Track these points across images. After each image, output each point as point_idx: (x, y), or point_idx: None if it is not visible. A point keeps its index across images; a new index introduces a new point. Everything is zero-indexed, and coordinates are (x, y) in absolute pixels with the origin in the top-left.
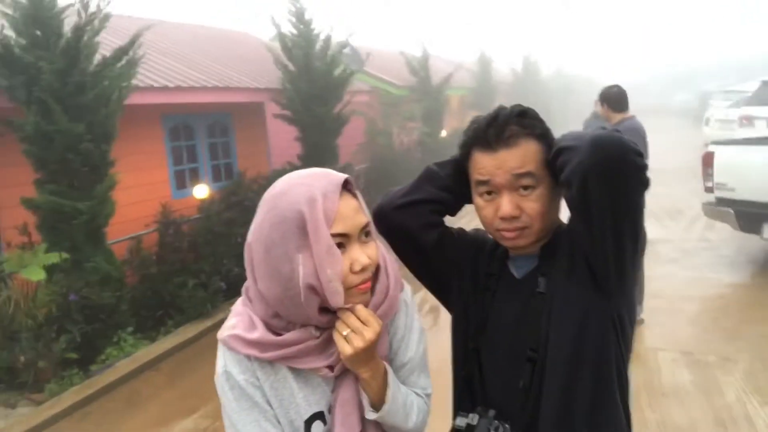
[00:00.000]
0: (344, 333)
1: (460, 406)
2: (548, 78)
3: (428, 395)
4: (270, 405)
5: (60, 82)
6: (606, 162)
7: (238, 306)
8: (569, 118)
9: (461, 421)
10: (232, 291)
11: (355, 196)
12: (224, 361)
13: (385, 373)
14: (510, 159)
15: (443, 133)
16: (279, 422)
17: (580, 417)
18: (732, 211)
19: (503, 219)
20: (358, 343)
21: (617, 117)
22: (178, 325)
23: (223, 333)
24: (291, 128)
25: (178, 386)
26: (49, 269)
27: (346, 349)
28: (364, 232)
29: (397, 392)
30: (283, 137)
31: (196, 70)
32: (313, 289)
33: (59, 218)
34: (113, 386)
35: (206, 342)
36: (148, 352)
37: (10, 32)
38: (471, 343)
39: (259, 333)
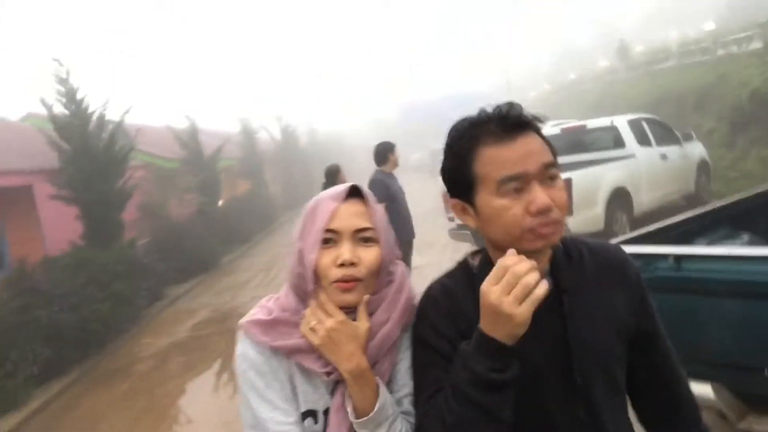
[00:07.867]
0: (311, 324)
1: None
2: (306, 144)
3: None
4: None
5: None
6: None
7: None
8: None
9: None
10: (48, 373)
11: (365, 204)
12: (242, 344)
13: (377, 385)
14: (533, 143)
15: (220, 203)
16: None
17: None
18: (468, 232)
19: (540, 212)
20: (320, 332)
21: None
22: None
23: (243, 320)
24: (70, 208)
25: None
26: None
27: (313, 338)
28: (361, 236)
29: (386, 407)
30: (62, 218)
31: None
32: (300, 274)
33: None
34: None
35: None
36: None
37: None
38: None
39: (275, 314)
